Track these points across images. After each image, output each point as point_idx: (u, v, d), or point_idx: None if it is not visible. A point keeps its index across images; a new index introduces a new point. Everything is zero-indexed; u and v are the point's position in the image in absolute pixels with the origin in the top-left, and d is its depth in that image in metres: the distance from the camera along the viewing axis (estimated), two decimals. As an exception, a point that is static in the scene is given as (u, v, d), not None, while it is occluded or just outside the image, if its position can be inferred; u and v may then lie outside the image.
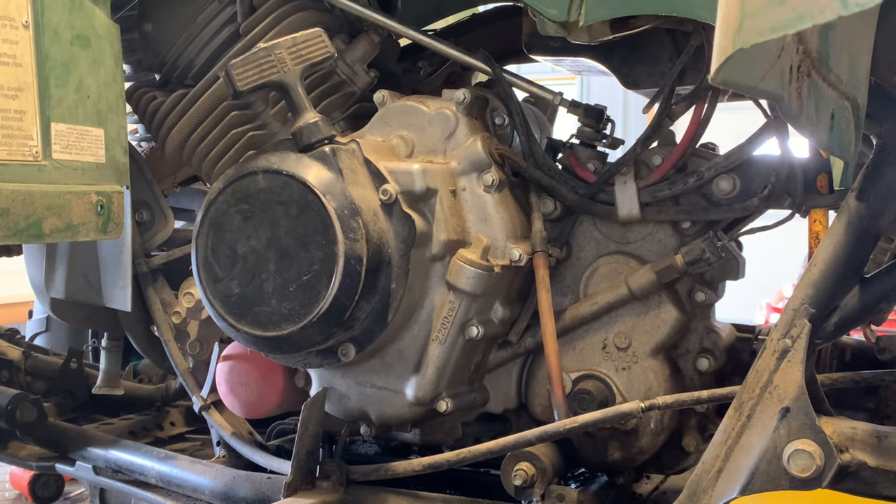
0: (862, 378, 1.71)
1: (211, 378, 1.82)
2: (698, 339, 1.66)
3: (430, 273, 1.55)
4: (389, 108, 1.62)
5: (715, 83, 0.88)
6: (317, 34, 1.51)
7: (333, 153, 1.48)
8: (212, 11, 1.74)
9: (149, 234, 1.88)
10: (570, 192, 1.62)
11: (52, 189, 1.45)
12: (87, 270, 1.85)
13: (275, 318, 1.47)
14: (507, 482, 1.55)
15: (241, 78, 1.47)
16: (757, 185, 1.57)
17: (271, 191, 1.47)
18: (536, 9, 1.44)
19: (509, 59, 1.96)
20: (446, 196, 1.55)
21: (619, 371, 1.62)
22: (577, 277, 1.67)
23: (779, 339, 1.28)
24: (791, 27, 0.79)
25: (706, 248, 1.54)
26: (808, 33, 1.02)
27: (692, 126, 1.57)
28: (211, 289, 1.52)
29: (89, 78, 1.52)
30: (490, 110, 1.67)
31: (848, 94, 1.17)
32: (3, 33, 1.37)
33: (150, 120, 1.79)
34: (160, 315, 1.87)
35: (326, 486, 1.61)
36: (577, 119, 1.68)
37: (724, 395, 1.44)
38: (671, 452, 1.69)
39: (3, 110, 1.38)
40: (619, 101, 7.14)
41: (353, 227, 1.44)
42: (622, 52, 1.78)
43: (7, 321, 2.80)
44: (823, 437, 1.22)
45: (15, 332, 2.60)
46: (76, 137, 1.50)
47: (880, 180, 1.31)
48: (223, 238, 1.50)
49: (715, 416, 1.66)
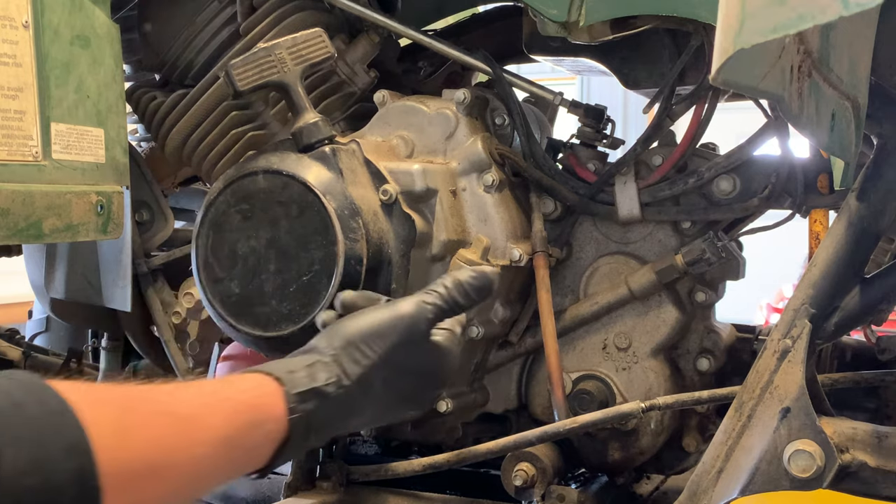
0: (862, 378, 1.71)
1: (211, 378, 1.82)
2: (698, 340, 1.66)
3: (431, 273, 1.55)
4: (389, 108, 1.62)
5: (715, 83, 0.88)
6: (317, 34, 1.51)
7: (333, 153, 1.48)
8: (212, 11, 1.74)
9: (149, 235, 1.88)
10: (570, 193, 1.62)
11: (52, 189, 1.45)
12: (87, 270, 1.85)
13: (275, 319, 1.47)
14: (508, 482, 1.55)
15: (241, 78, 1.47)
16: (757, 185, 1.57)
17: (271, 191, 1.47)
18: (536, 9, 1.44)
19: (509, 59, 1.96)
20: (446, 196, 1.55)
21: (620, 371, 1.62)
22: (578, 277, 1.67)
23: (779, 339, 1.28)
24: (792, 27, 0.79)
25: (706, 248, 1.54)
26: (808, 33, 1.02)
27: (692, 126, 1.57)
28: (211, 289, 1.51)
29: (89, 78, 1.51)
30: (490, 110, 1.66)
31: (848, 94, 1.17)
32: (3, 33, 1.37)
33: (150, 120, 1.79)
34: (160, 315, 1.86)
35: (326, 487, 1.61)
36: (578, 119, 1.68)
37: (724, 395, 1.44)
38: (671, 453, 1.69)
39: (3, 110, 1.38)
40: (619, 101, 7.14)
41: (353, 227, 1.44)
42: (622, 52, 1.78)
43: (7, 321, 2.80)
44: (824, 437, 1.22)
45: (15, 332, 2.60)
46: (76, 137, 1.49)
47: (880, 180, 1.31)
48: (223, 238, 1.50)
49: (715, 417, 1.66)
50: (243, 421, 0.93)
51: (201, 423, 0.89)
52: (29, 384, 0.76)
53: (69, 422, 0.75)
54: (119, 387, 0.86)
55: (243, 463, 0.97)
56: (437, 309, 1.11)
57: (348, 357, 1.04)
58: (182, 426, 0.87)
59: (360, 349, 1.05)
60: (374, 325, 1.08)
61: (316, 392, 1.00)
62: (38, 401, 0.75)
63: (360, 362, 1.04)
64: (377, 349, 1.06)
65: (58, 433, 0.74)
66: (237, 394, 0.95)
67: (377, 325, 1.08)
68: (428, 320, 1.10)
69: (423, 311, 1.10)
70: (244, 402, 0.95)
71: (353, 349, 1.05)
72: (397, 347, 1.07)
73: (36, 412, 0.74)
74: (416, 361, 1.10)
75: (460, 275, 1.13)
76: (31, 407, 0.74)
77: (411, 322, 1.09)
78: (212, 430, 0.89)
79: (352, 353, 1.05)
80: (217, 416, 0.90)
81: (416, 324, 1.10)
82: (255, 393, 0.97)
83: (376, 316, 1.10)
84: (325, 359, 1.04)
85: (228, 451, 0.91)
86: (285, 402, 0.97)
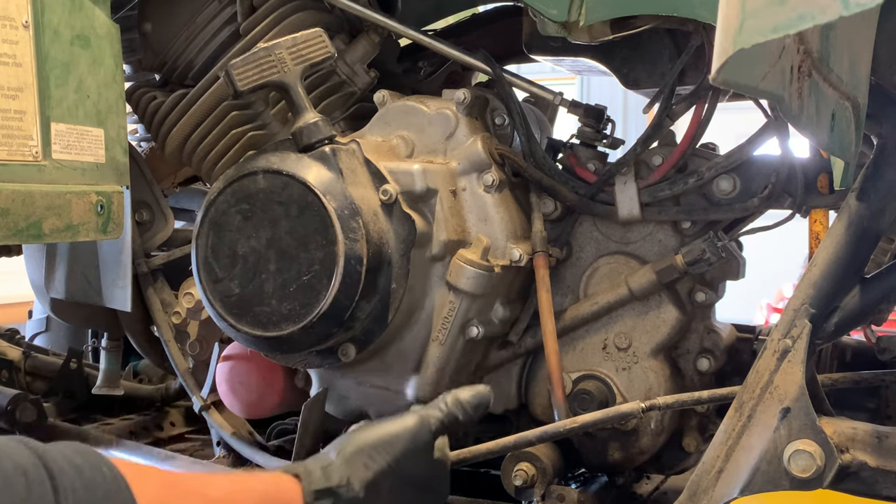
0: (862, 378, 1.71)
1: (211, 378, 1.82)
2: (698, 340, 1.66)
3: (431, 273, 1.55)
4: (389, 108, 1.62)
5: (716, 83, 0.88)
6: (317, 34, 1.51)
7: (333, 153, 1.48)
8: (212, 11, 1.74)
9: (149, 234, 1.88)
10: (570, 193, 1.62)
11: (52, 189, 1.45)
12: (87, 270, 1.85)
13: (275, 319, 1.47)
14: (508, 482, 1.55)
15: (241, 78, 1.47)
16: (757, 185, 1.57)
17: (271, 191, 1.47)
18: (536, 9, 1.44)
19: (509, 59, 1.96)
20: (446, 196, 1.55)
21: (620, 371, 1.62)
22: (578, 277, 1.67)
23: (779, 339, 1.28)
24: (792, 27, 0.79)
25: (706, 248, 1.53)
26: (808, 33, 1.02)
27: (692, 126, 1.57)
28: (211, 289, 1.51)
29: (89, 78, 1.51)
30: (490, 110, 1.66)
31: (848, 94, 1.17)
32: (3, 33, 1.37)
33: (150, 120, 1.79)
34: (160, 315, 1.86)
35: (326, 487, 1.60)
36: (578, 119, 1.68)
37: (724, 395, 1.44)
38: (671, 453, 1.69)
39: (3, 110, 1.38)
40: (619, 101, 7.14)
41: (354, 227, 1.44)
42: (622, 52, 1.78)
43: (7, 321, 2.80)
44: (824, 437, 1.22)
45: (15, 332, 2.60)
46: (76, 137, 1.50)
47: (880, 180, 1.31)
48: (223, 238, 1.50)
49: (715, 417, 1.66)
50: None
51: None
52: (85, 452, 0.86)
53: (122, 488, 0.85)
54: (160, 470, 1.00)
55: None
56: (439, 423, 1.21)
57: (359, 462, 1.14)
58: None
59: (370, 456, 1.15)
60: (382, 435, 1.18)
61: (330, 491, 1.10)
62: (94, 467, 0.84)
63: (371, 468, 1.14)
64: (386, 456, 1.16)
65: (110, 499, 0.83)
66: (261, 485, 1.06)
67: (385, 435, 1.18)
68: (430, 433, 1.20)
69: (426, 423, 1.20)
70: (268, 493, 1.05)
71: (365, 456, 1.15)
72: (403, 457, 1.17)
73: (92, 477, 0.83)
74: (419, 472, 1.19)
75: (460, 393, 1.23)
76: (88, 472, 0.83)
77: (415, 433, 1.19)
78: None
79: (363, 459, 1.14)
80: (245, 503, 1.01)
81: (419, 435, 1.19)
82: (277, 486, 1.07)
83: (385, 427, 1.20)
84: (338, 463, 1.14)
85: None
86: (303, 499, 1.08)
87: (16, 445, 0.80)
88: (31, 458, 0.79)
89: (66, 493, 0.78)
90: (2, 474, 0.75)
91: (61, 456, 0.82)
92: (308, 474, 1.10)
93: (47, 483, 0.78)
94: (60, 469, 0.80)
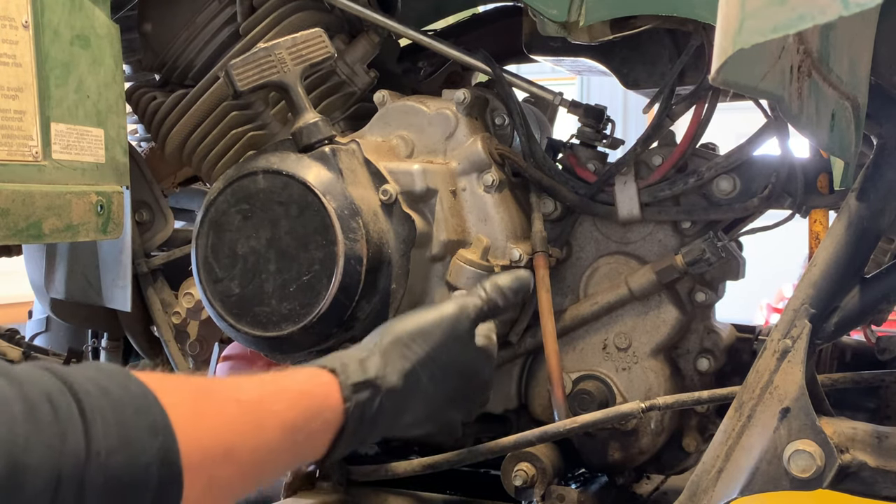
0: (862, 378, 1.71)
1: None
2: (698, 340, 1.66)
3: (431, 273, 1.55)
4: (389, 108, 1.62)
5: (715, 83, 0.88)
6: (317, 34, 1.51)
7: (333, 153, 1.48)
8: (211, 11, 1.73)
9: (149, 235, 1.88)
10: (570, 193, 1.62)
11: (52, 189, 1.45)
12: (87, 270, 1.85)
13: (275, 319, 1.47)
14: (508, 482, 1.55)
15: (241, 78, 1.47)
16: (757, 185, 1.57)
17: (271, 191, 1.47)
18: (536, 9, 1.44)
19: (509, 59, 1.96)
20: (446, 196, 1.55)
21: (620, 371, 1.62)
22: (578, 277, 1.67)
23: (779, 339, 1.28)
24: (792, 27, 0.79)
25: (706, 248, 1.54)
26: (808, 33, 1.02)
27: (692, 126, 1.57)
28: (211, 289, 1.52)
29: (89, 78, 1.52)
30: (490, 110, 1.66)
31: (848, 94, 1.17)
32: (3, 33, 1.37)
33: (150, 120, 1.79)
34: (160, 315, 1.86)
35: (326, 487, 1.61)
36: (578, 119, 1.68)
37: (724, 395, 1.44)
38: (671, 453, 1.69)
39: (2, 110, 1.38)
40: (619, 101, 7.14)
41: (353, 227, 1.44)
42: (622, 52, 1.78)
43: (7, 321, 2.80)
44: (824, 437, 1.22)
45: (15, 332, 2.60)
46: (76, 137, 1.50)
47: (880, 180, 1.31)
48: (223, 238, 1.50)
49: (715, 417, 1.66)
50: (304, 407, 0.98)
51: (267, 409, 0.93)
52: (111, 371, 0.82)
53: (151, 403, 0.80)
54: (189, 377, 0.94)
55: (305, 450, 1.01)
56: (478, 309, 1.18)
57: (397, 353, 1.11)
58: (250, 411, 0.91)
59: (407, 346, 1.12)
60: (420, 324, 1.15)
61: (368, 383, 1.06)
62: (121, 385, 0.80)
63: (409, 357, 1.11)
64: (424, 346, 1.12)
65: (141, 414, 0.79)
66: (295, 384, 1.01)
67: (423, 324, 1.15)
68: (470, 320, 1.17)
69: (465, 310, 1.17)
70: (303, 391, 1.00)
71: (402, 346, 1.12)
72: (442, 345, 1.13)
73: (120, 395, 0.79)
74: (459, 360, 1.15)
75: (498, 279, 1.20)
76: (115, 391, 0.79)
77: (455, 321, 1.16)
78: (277, 415, 0.94)
79: (400, 349, 1.11)
80: (280, 403, 0.95)
81: (459, 322, 1.16)
82: (312, 383, 1.03)
83: (422, 316, 1.17)
84: (375, 354, 1.10)
85: (292, 436, 0.96)
86: (341, 392, 1.03)
87: (39, 372, 0.77)
88: (56, 384, 0.76)
89: (94, 415, 0.75)
90: (27, 401, 0.72)
91: (86, 378, 0.78)
92: (344, 368, 1.06)
93: (74, 406, 0.75)
94: (86, 391, 0.77)
